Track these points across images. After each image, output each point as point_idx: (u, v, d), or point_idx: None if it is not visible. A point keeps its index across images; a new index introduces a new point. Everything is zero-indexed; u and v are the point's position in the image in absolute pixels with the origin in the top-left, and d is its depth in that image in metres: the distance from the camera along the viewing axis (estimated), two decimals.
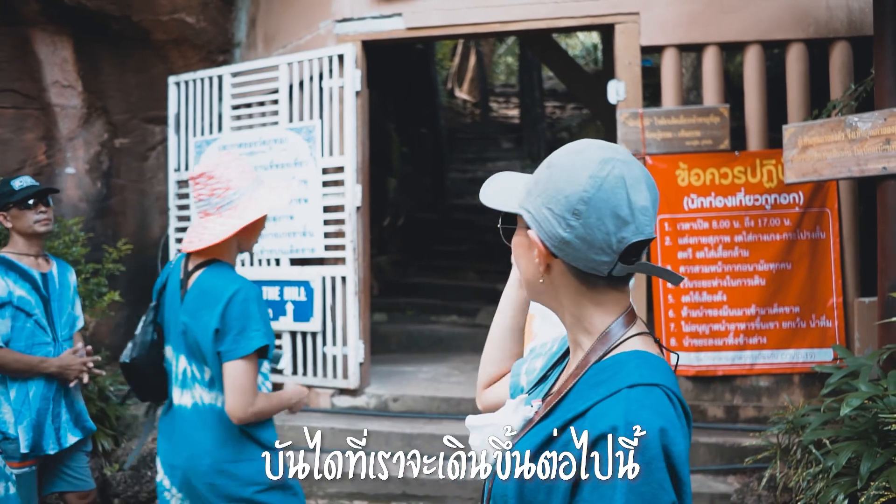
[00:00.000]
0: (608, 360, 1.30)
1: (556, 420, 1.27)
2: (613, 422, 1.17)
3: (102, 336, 7.12)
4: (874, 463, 3.16)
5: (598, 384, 1.26)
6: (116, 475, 5.33)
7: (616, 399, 1.21)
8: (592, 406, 1.23)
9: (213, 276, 2.71)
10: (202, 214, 2.76)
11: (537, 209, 1.30)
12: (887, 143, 4.00)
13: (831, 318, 5.31)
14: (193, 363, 2.75)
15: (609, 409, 1.20)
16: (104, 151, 7.21)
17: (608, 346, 1.32)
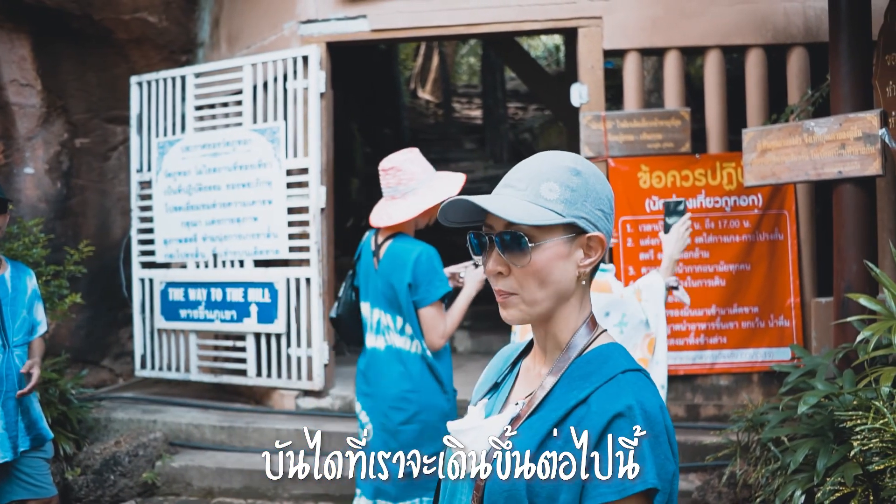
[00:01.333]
0: (589, 353, 1.42)
1: (552, 412, 1.35)
2: (627, 402, 1.29)
3: (63, 338, 7.04)
4: (830, 459, 3.24)
5: (588, 374, 1.37)
6: (78, 479, 5.27)
7: (617, 383, 1.34)
8: (593, 392, 1.33)
9: (401, 245, 3.43)
10: (389, 199, 3.47)
11: (591, 212, 1.41)
12: (842, 147, 4.10)
13: (789, 317, 5.43)
14: (389, 314, 3.47)
15: (616, 392, 1.32)
16: (64, 151, 7.13)
17: (587, 341, 1.44)
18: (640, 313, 3.23)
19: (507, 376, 1.57)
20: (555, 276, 1.41)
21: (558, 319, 1.46)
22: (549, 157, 1.47)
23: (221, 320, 6.22)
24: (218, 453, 5.67)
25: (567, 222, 1.39)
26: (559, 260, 1.40)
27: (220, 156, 6.20)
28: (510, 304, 1.42)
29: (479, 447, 1.40)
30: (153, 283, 6.59)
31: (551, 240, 1.39)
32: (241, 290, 6.14)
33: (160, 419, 5.94)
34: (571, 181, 1.40)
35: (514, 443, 1.34)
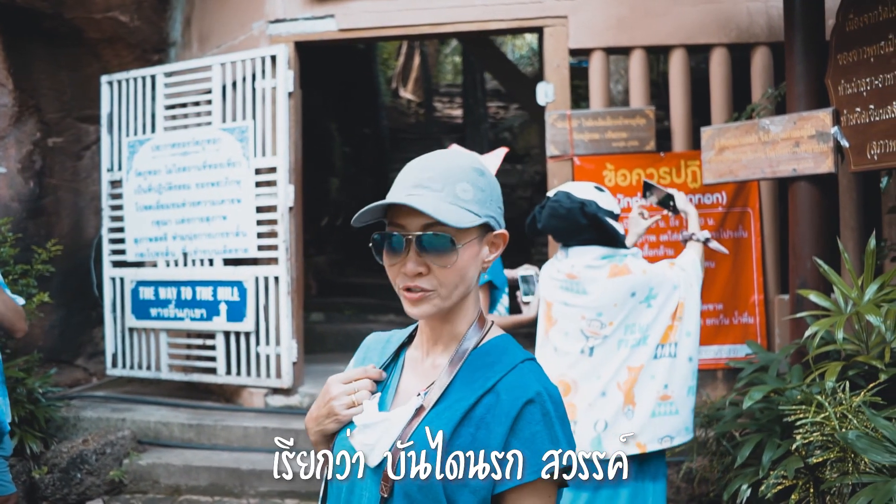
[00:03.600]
0: (486, 344, 1.50)
1: (460, 401, 1.41)
2: (536, 388, 1.39)
3: (36, 338, 7.03)
4: (775, 453, 3.29)
5: (489, 364, 1.45)
6: (45, 478, 5.27)
7: (521, 372, 1.43)
8: (499, 381, 1.41)
9: None
10: None
11: (495, 211, 1.49)
12: (797, 145, 4.15)
13: (753, 314, 5.47)
14: None
15: (523, 380, 1.41)
16: (37, 150, 7.12)
17: (482, 333, 1.52)
18: (671, 278, 3.21)
19: (391, 368, 1.59)
20: (470, 273, 1.46)
21: (459, 312, 1.51)
22: (454, 157, 1.50)
23: (191, 319, 6.23)
24: (186, 451, 5.69)
25: (482, 222, 1.45)
26: (474, 258, 1.46)
27: (190, 155, 6.21)
28: (426, 299, 1.44)
29: (384, 442, 1.42)
30: (124, 282, 6.60)
31: (470, 240, 1.44)
32: (210, 288, 6.15)
33: (129, 417, 5.95)
34: (479, 182, 1.46)
35: (423, 434, 1.38)
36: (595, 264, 3.17)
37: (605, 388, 3.15)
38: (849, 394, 3.09)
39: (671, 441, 3.16)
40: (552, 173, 5.60)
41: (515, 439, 1.36)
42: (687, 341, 3.21)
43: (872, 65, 3.84)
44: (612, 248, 3.20)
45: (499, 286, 3.64)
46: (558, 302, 3.30)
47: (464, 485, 1.35)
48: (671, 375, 3.16)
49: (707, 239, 3.52)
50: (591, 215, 3.13)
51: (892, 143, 3.74)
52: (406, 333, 1.66)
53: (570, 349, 3.23)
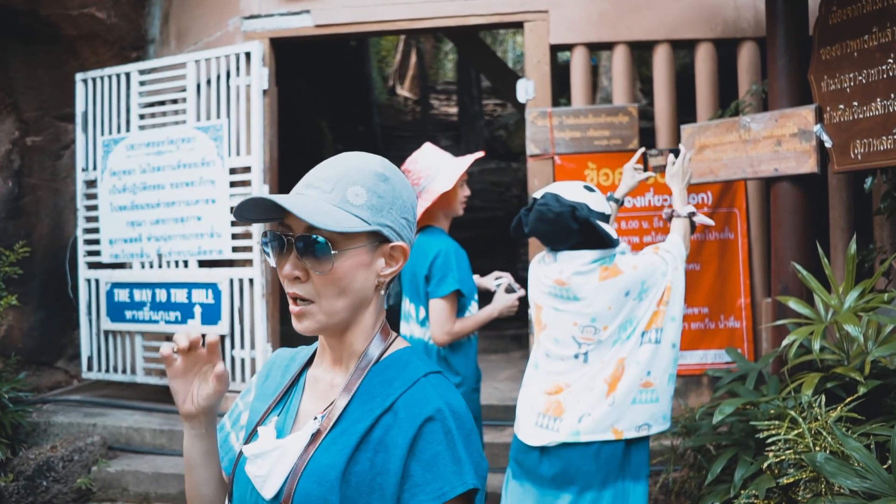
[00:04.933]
0: (386, 359, 1.40)
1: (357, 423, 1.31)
2: (436, 405, 1.28)
3: (16, 340, 6.91)
4: (747, 471, 3.12)
5: (389, 381, 1.35)
6: (10, 486, 5.14)
7: (422, 388, 1.32)
8: (398, 398, 1.31)
9: (427, 238, 3.51)
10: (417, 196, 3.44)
11: (395, 221, 1.37)
12: (778, 144, 3.98)
13: (739, 318, 5.29)
14: (413, 304, 3.60)
15: (422, 397, 1.30)
16: (15, 150, 6.98)
17: (383, 348, 1.41)
18: (659, 266, 3.10)
19: (292, 390, 1.48)
20: (355, 286, 1.35)
21: (355, 328, 1.41)
22: (358, 159, 1.40)
23: (166, 321, 6.09)
24: (157, 458, 5.55)
25: (372, 230, 1.34)
26: (361, 268, 1.35)
27: (165, 154, 6.07)
28: (307, 313, 1.35)
29: (279, 471, 1.32)
30: (99, 283, 6.46)
31: (354, 247, 1.34)
32: (185, 290, 6.01)
33: (101, 423, 5.81)
34: (379, 187, 1.36)
35: (320, 459, 1.30)
36: (584, 269, 3.03)
37: (593, 384, 3.03)
38: (825, 409, 2.92)
39: (649, 429, 3.03)
40: (532, 173, 5.44)
41: (416, 462, 1.26)
42: (671, 326, 3.09)
43: (856, 59, 3.67)
44: (602, 250, 3.04)
45: (466, 294, 3.49)
46: (548, 307, 3.16)
47: None
48: (654, 362, 3.04)
49: (691, 213, 3.46)
50: (583, 220, 2.96)
51: (876, 141, 3.57)
52: (311, 351, 1.55)
53: (563, 354, 3.11)
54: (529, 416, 3.14)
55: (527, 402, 3.20)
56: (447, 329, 3.39)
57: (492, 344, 8.43)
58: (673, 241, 3.27)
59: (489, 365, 7.50)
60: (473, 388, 3.58)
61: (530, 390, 3.22)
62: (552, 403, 3.08)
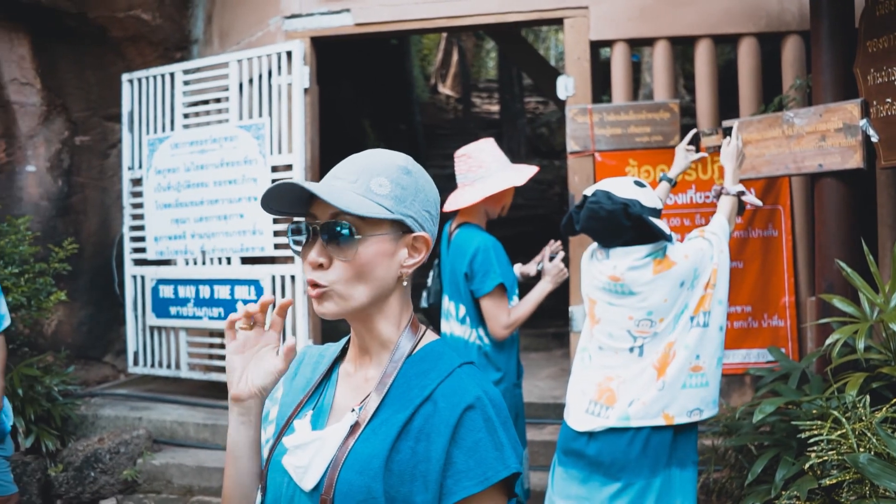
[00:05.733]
0: (420, 351, 1.43)
1: (397, 413, 1.34)
2: (475, 393, 1.32)
3: (65, 335, 7.08)
4: (789, 471, 3.07)
5: (425, 372, 1.38)
6: (60, 476, 5.26)
7: (459, 377, 1.36)
8: (436, 388, 1.34)
9: (465, 234, 3.54)
10: (460, 186, 3.54)
11: (418, 212, 1.41)
12: (823, 139, 3.91)
13: (783, 317, 5.21)
14: (453, 301, 3.59)
15: (460, 386, 1.34)
16: (65, 149, 7.14)
17: (415, 340, 1.44)
18: (706, 250, 3.09)
19: (325, 384, 1.51)
20: (377, 273, 1.39)
21: (380, 319, 1.44)
22: (382, 154, 1.45)
23: (209, 317, 6.18)
24: (200, 451, 5.64)
25: (395, 219, 1.38)
26: (383, 257, 1.39)
27: (208, 152, 6.15)
28: (326, 296, 1.38)
29: (318, 463, 1.34)
30: (144, 280, 6.58)
31: (378, 234, 1.38)
32: (228, 287, 6.09)
33: (146, 416, 5.92)
34: (402, 179, 1.40)
35: (361, 449, 1.32)
36: (638, 264, 3.02)
37: (644, 371, 3.04)
38: (869, 409, 2.86)
39: (700, 414, 3.01)
40: (573, 170, 5.41)
41: (458, 449, 1.29)
42: (719, 309, 3.06)
43: None
44: (654, 244, 3.03)
45: (508, 288, 3.50)
46: (602, 301, 3.15)
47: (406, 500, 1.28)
48: (703, 345, 3.02)
49: (740, 192, 3.44)
50: (636, 217, 2.95)
51: None
52: (340, 346, 1.58)
53: (617, 347, 3.11)
54: (580, 402, 3.14)
55: (578, 390, 3.19)
56: (503, 323, 3.43)
57: (533, 342, 8.40)
58: (718, 221, 3.26)
59: (530, 363, 7.48)
60: (515, 383, 3.59)
61: (582, 379, 3.21)
62: (605, 392, 3.07)
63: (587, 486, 3.05)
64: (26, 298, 5.52)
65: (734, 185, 3.48)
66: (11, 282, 5.38)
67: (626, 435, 2.99)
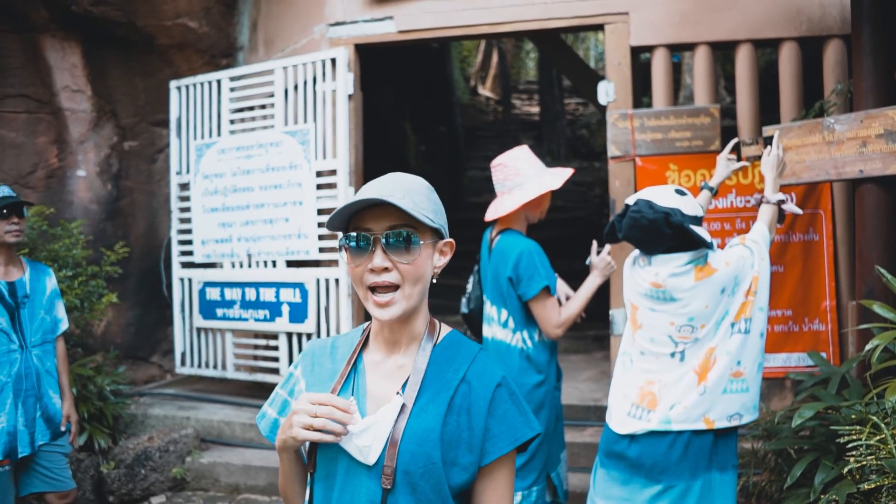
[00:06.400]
0: (443, 341, 1.70)
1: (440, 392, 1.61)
2: (501, 373, 1.65)
3: (114, 335, 7.27)
4: (828, 475, 3.10)
5: (451, 358, 1.66)
6: (112, 473, 5.43)
7: (483, 361, 1.67)
8: (466, 371, 1.63)
9: (507, 240, 3.62)
10: (499, 194, 3.64)
11: (444, 223, 1.70)
12: (864, 145, 3.92)
13: (824, 321, 5.21)
14: (495, 306, 3.67)
15: (487, 368, 1.65)
16: (114, 154, 7.34)
17: (437, 330, 1.72)
18: (747, 258, 3.16)
19: (352, 373, 1.71)
20: (427, 274, 1.65)
21: (418, 315, 1.69)
22: (409, 176, 1.70)
23: (255, 319, 6.32)
24: (246, 450, 5.78)
25: (435, 227, 1.64)
26: (428, 259, 1.65)
27: (254, 158, 6.30)
28: (393, 302, 1.61)
29: (379, 440, 1.56)
30: (192, 282, 6.74)
31: (426, 241, 1.63)
32: (273, 290, 6.23)
33: (194, 416, 6.08)
34: (431, 197, 1.67)
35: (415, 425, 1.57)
36: (680, 271, 3.08)
37: (685, 375, 3.10)
38: None
39: (740, 419, 3.08)
40: (613, 175, 5.46)
41: (492, 419, 1.60)
42: (760, 316, 3.13)
43: None
44: (696, 251, 3.08)
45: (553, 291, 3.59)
46: (644, 307, 3.21)
47: (455, 465, 1.57)
48: (744, 352, 3.08)
49: (780, 200, 3.51)
50: (677, 226, 3.01)
51: None
52: (354, 339, 1.79)
53: (658, 352, 3.17)
54: (622, 406, 3.20)
55: (620, 393, 3.25)
56: (555, 322, 3.54)
57: (573, 345, 8.44)
58: (759, 229, 3.32)
59: (570, 365, 7.52)
60: (555, 385, 3.65)
61: (624, 383, 3.27)
62: (646, 395, 3.13)
63: (628, 488, 3.11)
64: (79, 301, 5.70)
65: (775, 194, 3.52)
66: (66, 284, 5.56)
67: (667, 438, 3.05)
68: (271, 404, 1.83)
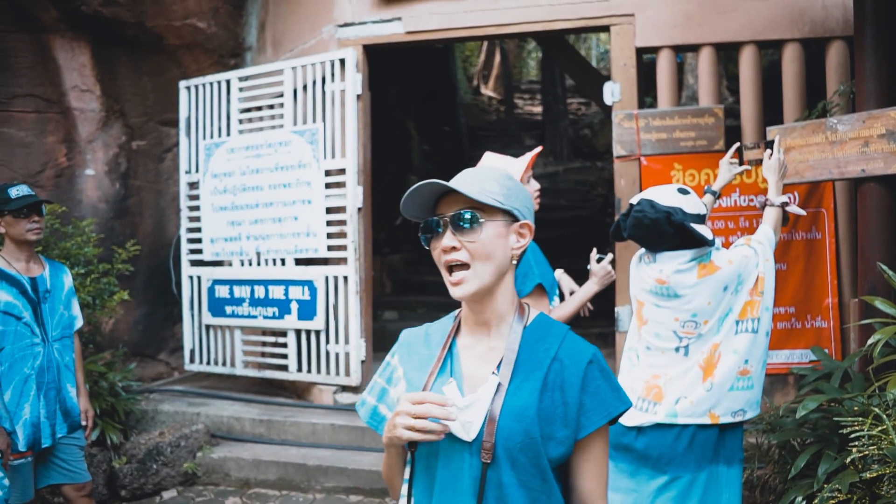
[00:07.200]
0: (533, 322, 1.77)
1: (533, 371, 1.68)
2: (591, 350, 1.71)
3: (121, 333, 7.35)
4: (831, 465, 3.18)
5: (541, 338, 1.73)
6: (124, 468, 5.50)
7: (571, 340, 1.73)
8: (558, 350, 1.70)
9: None
10: None
11: (522, 206, 1.77)
12: (866, 145, 4.00)
13: (827, 318, 5.29)
14: None
15: (577, 347, 1.72)
16: (122, 153, 7.42)
17: (526, 312, 1.78)
18: (751, 257, 3.21)
19: (447, 357, 1.79)
20: (497, 253, 1.71)
21: (499, 295, 1.75)
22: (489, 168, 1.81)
23: (264, 317, 6.40)
24: (256, 445, 5.85)
25: (506, 209, 1.72)
26: (499, 238, 1.72)
27: (263, 157, 6.38)
28: (465, 279, 1.70)
29: (479, 417, 1.64)
30: (201, 280, 6.82)
31: (493, 220, 1.71)
32: (282, 287, 6.30)
33: (204, 412, 6.16)
34: (507, 183, 1.76)
35: (512, 402, 1.65)
36: (683, 268, 3.15)
37: (689, 370, 3.17)
38: None
39: (744, 415, 3.15)
40: (619, 174, 5.54)
41: (585, 394, 1.66)
42: (766, 316, 3.19)
43: None
44: (699, 248, 3.16)
45: (548, 289, 3.61)
46: (649, 303, 3.29)
47: (551, 439, 1.64)
48: (752, 351, 3.15)
49: (784, 202, 3.56)
50: (678, 224, 3.09)
51: None
52: (447, 325, 1.87)
53: (663, 347, 3.24)
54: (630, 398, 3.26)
55: (626, 387, 3.32)
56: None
57: None
58: (763, 231, 3.38)
59: None
60: None
61: (630, 377, 3.35)
62: (652, 388, 3.21)
63: (636, 479, 3.19)
64: (91, 298, 5.78)
65: (778, 196, 3.59)
66: (78, 282, 5.64)
67: (673, 430, 3.13)
68: (370, 392, 1.92)
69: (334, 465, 5.40)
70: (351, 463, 5.42)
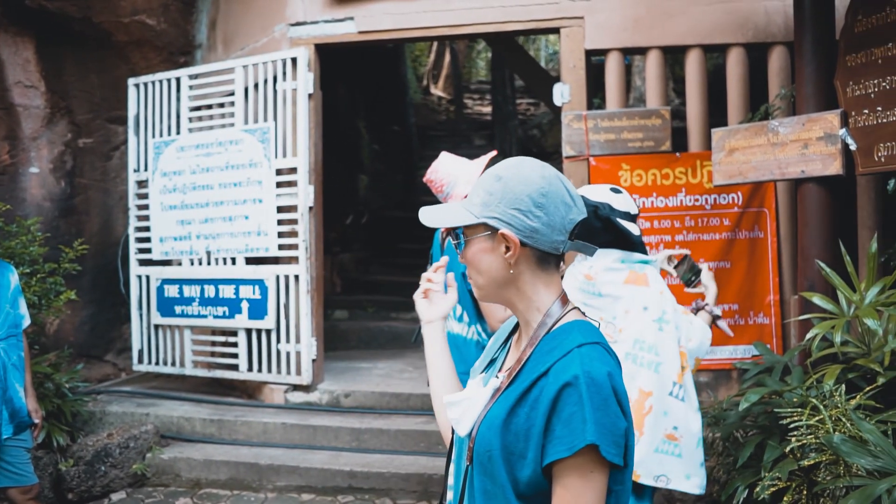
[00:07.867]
0: (556, 330, 1.64)
1: (522, 383, 1.57)
2: (574, 372, 1.49)
3: (67, 333, 7.24)
4: (773, 455, 3.30)
5: (551, 350, 1.58)
6: (70, 470, 5.43)
7: (571, 356, 1.53)
8: (552, 365, 1.54)
9: None
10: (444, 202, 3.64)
11: (503, 212, 1.62)
12: (805, 147, 4.14)
13: (769, 315, 5.45)
14: None
15: (568, 364, 1.52)
16: (68, 151, 7.30)
17: (555, 319, 1.65)
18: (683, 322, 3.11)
19: (501, 351, 1.83)
20: (485, 266, 1.68)
21: (517, 302, 1.70)
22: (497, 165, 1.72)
23: (214, 316, 6.37)
24: (207, 445, 5.82)
25: (479, 222, 1.66)
26: (484, 253, 1.67)
27: (213, 156, 6.34)
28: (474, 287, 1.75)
29: (469, 416, 1.65)
30: (150, 279, 6.76)
31: (475, 237, 1.68)
32: (232, 287, 6.28)
33: (153, 412, 6.10)
34: (492, 187, 1.65)
35: (494, 410, 1.60)
36: (614, 267, 3.14)
37: None
38: (844, 397, 3.09)
39: (667, 482, 2.96)
40: (568, 174, 5.63)
41: (556, 418, 1.49)
42: (692, 391, 3.07)
43: (880, 66, 3.83)
44: (630, 251, 3.20)
45: None
46: (578, 303, 3.32)
47: (521, 456, 1.53)
48: (682, 419, 3.00)
49: (717, 316, 3.41)
50: (604, 218, 3.12)
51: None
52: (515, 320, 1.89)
53: None
54: None
55: None
56: (499, 317, 3.56)
57: None
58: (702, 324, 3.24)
59: None
60: None
61: None
62: None
63: None
64: (37, 298, 5.69)
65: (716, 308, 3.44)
66: (24, 282, 5.54)
67: None
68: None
69: (286, 464, 5.39)
70: (303, 462, 5.42)
